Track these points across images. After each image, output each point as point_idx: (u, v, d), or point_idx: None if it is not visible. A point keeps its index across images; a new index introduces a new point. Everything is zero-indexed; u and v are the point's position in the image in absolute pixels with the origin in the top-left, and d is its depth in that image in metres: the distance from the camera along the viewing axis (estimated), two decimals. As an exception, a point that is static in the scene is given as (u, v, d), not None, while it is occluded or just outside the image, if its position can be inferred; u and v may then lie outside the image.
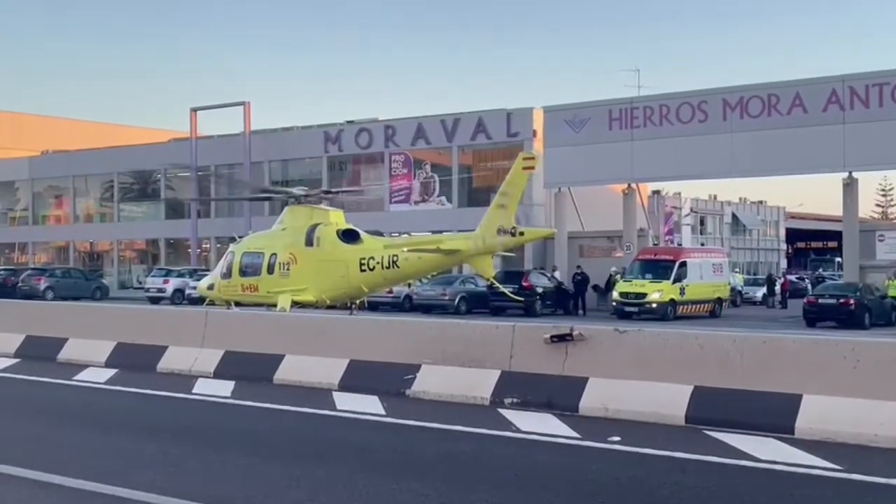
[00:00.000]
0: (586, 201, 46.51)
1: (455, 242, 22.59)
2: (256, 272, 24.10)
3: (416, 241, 23.61)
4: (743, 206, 78.13)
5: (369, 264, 22.53)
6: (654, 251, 40.75)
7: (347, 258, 22.82)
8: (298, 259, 23.39)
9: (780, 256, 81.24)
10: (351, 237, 23.39)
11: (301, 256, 23.41)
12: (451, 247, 22.29)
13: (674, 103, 40.93)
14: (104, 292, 52.12)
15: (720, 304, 39.56)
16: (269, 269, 23.85)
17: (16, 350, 16.92)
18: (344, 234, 23.42)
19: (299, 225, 23.85)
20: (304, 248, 23.42)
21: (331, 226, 23.52)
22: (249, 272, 24.34)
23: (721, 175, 43.06)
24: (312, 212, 24.01)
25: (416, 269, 23.22)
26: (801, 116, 37.89)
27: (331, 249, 23.12)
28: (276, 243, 24.14)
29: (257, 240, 25.43)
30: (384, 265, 22.34)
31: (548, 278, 41.50)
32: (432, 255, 22.46)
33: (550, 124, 44.01)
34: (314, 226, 23.58)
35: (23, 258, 66.64)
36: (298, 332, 14.61)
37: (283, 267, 23.61)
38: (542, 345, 11.78)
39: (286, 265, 23.56)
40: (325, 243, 23.21)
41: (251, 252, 24.57)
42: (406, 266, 22.47)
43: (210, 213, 57.53)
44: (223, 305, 26.13)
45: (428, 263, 23.04)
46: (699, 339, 11.12)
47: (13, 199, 69.23)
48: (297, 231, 23.79)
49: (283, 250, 23.75)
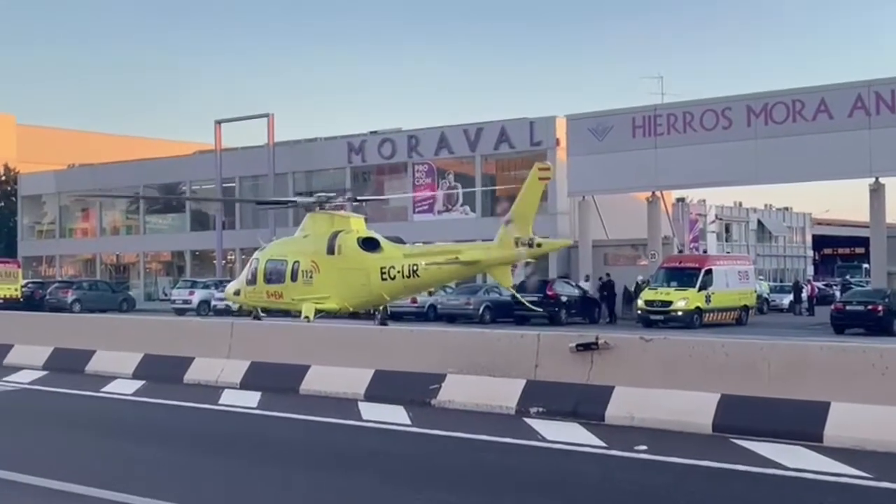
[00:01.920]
0: (610, 209, 46.38)
1: (474, 253, 22.72)
2: (280, 279, 24.32)
3: (436, 250, 23.69)
4: (769, 212, 77.68)
5: (390, 273, 22.67)
6: (679, 259, 40.56)
7: (368, 267, 22.95)
8: (321, 267, 23.58)
9: (807, 263, 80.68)
10: (371, 245, 23.51)
11: (323, 264, 23.58)
12: (470, 258, 22.41)
13: (697, 110, 40.77)
14: (131, 304, 52.46)
15: (746, 311, 39.29)
16: (292, 277, 24.05)
17: (44, 362, 17.04)
18: (364, 243, 23.54)
19: (321, 232, 24.01)
20: (325, 257, 23.57)
21: (352, 233, 23.66)
22: (274, 279, 24.56)
23: (746, 182, 42.85)
24: (333, 219, 24.16)
25: (435, 278, 23.42)
26: (826, 122, 37.64)
27: (352, 258, 23.23)
28: (299, 251, 24.32)
29: (281, 247, 25.65)
30: (404, 274, 22.50)
31: (572, 286, 41.40)
32: (452, 266, 22.59)
33: (574, 133, 43.94)
34: (335, 233, 23.72)
35: (50, 271, 67.19)
36: (324, 343, 14.64)
37: (305, 275, 23.81)
38: (568, 353, 11.75)
39: (309, 273, 23.76)
40: (347, 251, 23.33)
41: (275, 259, 24.79)
42: (426, 275, 22.62)
43: (235, 224, 57.81)
44: (250, 310, 26.58)
45: (447, 273, 23.20)
46: (725, 347, 11.05)
47: (40, 212, 69.84)
48: (318, 239, 23.95)
49: (305, 258, 23.94)
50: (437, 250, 23.84)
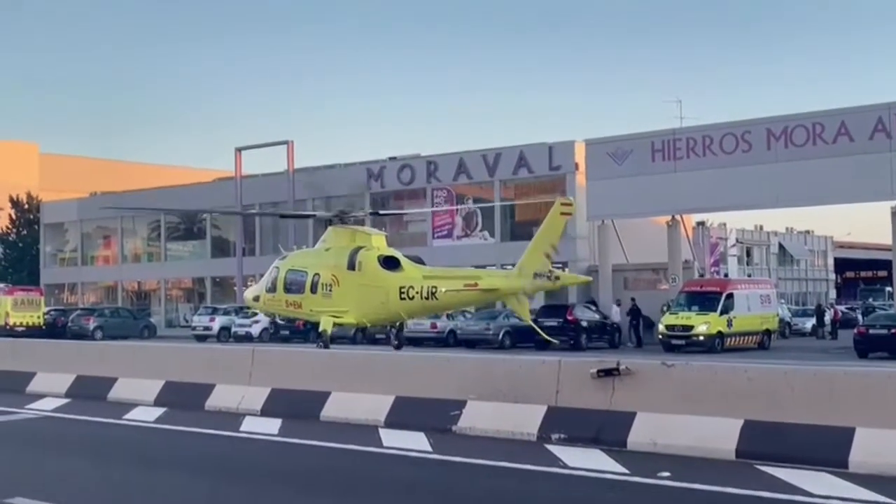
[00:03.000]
0: (630, 233, 46.26)
1: (493, 281, 22.89)
2: (300, 290, 24.50)
3: (456, 274, 23.83)
4: (790, 235, 77.29)
5: (409, 293, 22.79)
6: (700, 283, 40.38)
7: (388, 286, 23.06)
8: (340, 282, 23.71)
9: (829, 286, 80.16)
10: (392, 264, 23.64)
11: (343, 279, 23.72)
12: (489, 285, 22.55)
13: (717, 134, 40.66)
14: (152, 331, 52.69)
15: (769, 335, 39.05)
16: (312, 289, 24.21)
17: (67, 390, 17.10)
18: (385, 261, 23.67)
19: (342, 246, 24.17)
20: (346, 272, 23.73)
21: (373, 251, 23.79)
22: (294, 289, 24.77)
23: (766, 205, 42.66)
24: (355, 234, 24.38)
25: (454, 302, 23.70)
26: (846, 145, 37.45)
27: (372, 275, 23.36)
28: (320, 263, 24.50)
29: (302, 258, 25.78)
30: (423, 295, 22.64)
31: (593, 311, 41.30)
32: (470, 292, 22.73)
33: (592, 157, 43.90)
34: (356, 249, 23.86)
35: (72, 298, 67.57)
36: (344, 369, 14.65)
37: (325, 288, 23.96)
38: (589, 379, 11.70)
39: (328, 286, 23.91)
40: (367, 269, 23.46)
41: (296, 269, 24.94)
42: (444, 298, 22.78)
43: (255, 250, 58.00)
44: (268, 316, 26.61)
45: (466, 298, 23.44)
46: (748, 372, 10.98)
47: (63, 240, 70.34)
48: (339, 253, 24.11)
49: (325, 271, 24.10)
50: (458, 275, 23.98)
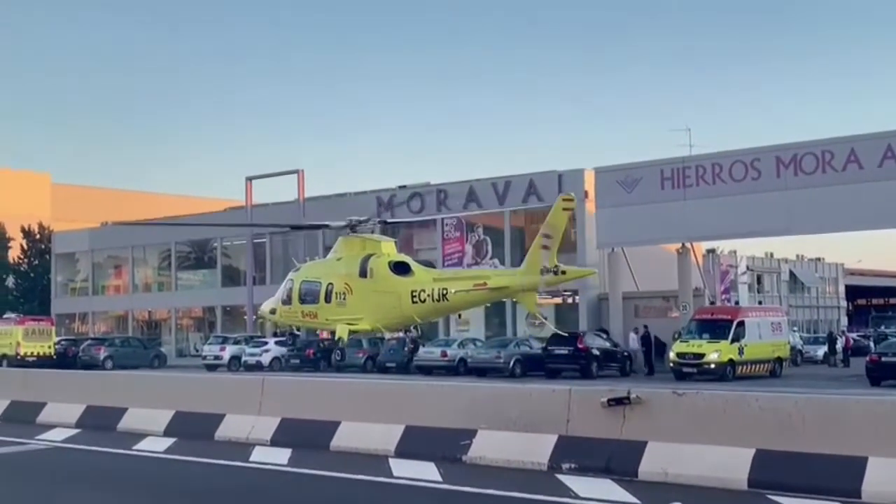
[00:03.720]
0: (640, 261, 46.22)
1: (501, 279, 23.39)
2: (315, 300, 24.94)
3: (465, 275, 24.55)
4: (800, 263, 77.07)
5: (420, 296, 23.19)
6: (710, 310, 40.25)
7: (400, 290, 23.46)
8: (353, 289, 24.17)
9: (841, 314, 79.80)
10: (402, 269, 24.02)
11: (356, 287, 24.16)
12: (497, 283, 23.02)
13: (726, 161, 40.70)
14: (162, 360, 52.71)
15: (780, 363, 38.86)
16: (326, 298, 24.65)
17: (77, 420, 17.11)
18: (395, 266, 24.06)
19: (353, 255, 24.62)
20: (358, 279, 24.16)
21: (383, 257, 24.20)
22: (309, 300, 25.17)
23: (776, 233, 42.62)
24: (365, 242, 24.76)
25: (464, 302, 23.98)
26: (856, 172, 37.44)
27: (384, 281, 23.76)
28: (332, 272, 24.95)
29: (315, 268, 26.26)
30: (434, 298, 23.06)
31: (603, 338, 41.23)
32: (480, 291, 23.15)
33: (602, 185, 43.96)
34: (367, 256, 24.26)
35: (83, 328, 67.71)
36: (354, 399, 14.63)
37: (339, 296, 24.40)
38: (600, 408, 11.67)
39: (342, 295, 24.36)
40: (378, 275, 23.85)
41: (309, 280, 25.38)
42: (455, 299, 23.16)
43: (266, 279, 58.07)
44: (284, 327, 26.76)
45: (475, 298, 23.79)
46: (759, 401, 10.94)
47: (74, 270, 70.58)
48: (351, 261, 24.55)
49: (338, 280, 24.54)
50: (467, 275, 24.88)
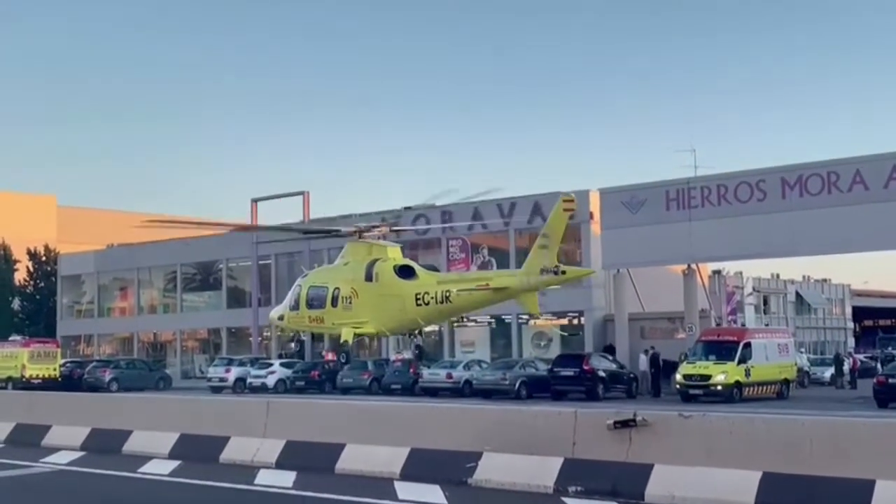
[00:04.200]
0: (646, 282, 46.16)
1: (503, 280, 23.61)
2: (322, 305, 25.26)
3: (467, 277, 25.05)
4: (807, 284, 76.91)
5: (424, 299, 23.54)
6: (717, 332, 40.14)
7: (404, 293, 23.84)
8: (359, 293, 24.51)
9: (848, 335, 79.56)
10: (407, 273, 24.42)
11: (362, 291, 24.51)
12: (499, 284, 23.25)
13: (731, 183, 40.67)
14: (167, 383, 52.65)
15: (787, 385, 38.71)
16: (333, 303, 24.95)
17: (82, 443, 17.08)
18: (400, 270, 24.44)
19: (359, 260, 25.02)
20: (364, 283, 24.53)
21: (388, 261, 24.59)
22: (315, 305, 25.49)
23: (782, 254, 42.54)
24: (371, 247, 25.14)
25: (467, 303, 24.27)
26: (862, 193, 37.38)
27: (389, 284, 24.12)
28: (339, 278, 25.33)
29: (322, 274, 26.75)
30: (438, 300, 23.40)
31: (609, 360, 41.15)
32: (483, 292, 23.43)
33: (607, 206, 43.95)
34: (373, 261, 24.64)
35: (88, 350, 67.73)
36: (359, 421, 14.59)
37: (345, 300, 24.73)
38: (606, 431, 11.62)
39: (348, 299, 24.69)
40: (384, 279, 24.24)
41: (316, 286, 25.77)
42: (458, 301, 23.47)
43: (271, 301, 58.00)
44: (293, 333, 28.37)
45: (478, 298, 24.03)
46: (766, 424, 10.89)
47: (79, 292, 70.66)
48: (357, 266, 24.93)
49: (345, 284, 24.91)
50: (469, 277, 25.44)
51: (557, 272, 21.72)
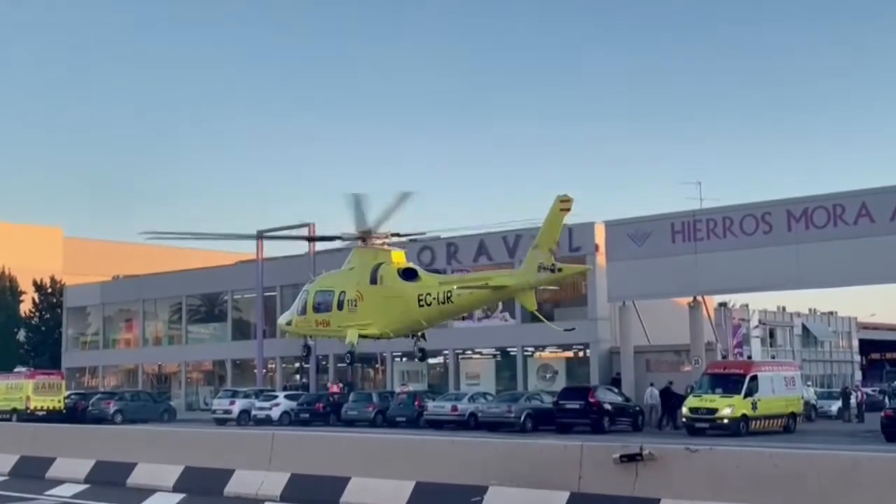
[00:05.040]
0: (651, 314, 46.10)
1: (502, 279, 24.15)
2: (328, 308, 26.04)
3: (467, 278, 25.91)
4: (813, 317, 76.68)
5: (426, 300, 24.22)
6: (723, 364, 40.06)
7: (407, 295, 24.54)
8: (364, 296, 25.28)
9: (855, 368, 79.20)
10: (410, 275, 25.12)
11: (367, 294, 25.29)
12: (498, 283, 23.86)
13: (737, 215, 40.72)
14: (172, 414, 52.57)
15: (794, 418, 38.53)
16: (338, 306, 25.72)
17: (86, 475, 17.02)
18: (404, 273, 25.14)
19: (364, 264, 25.72)
20: (369, 286, 25.29)
21: (392, 265, 25.28)
22: (322, 308, 26.23)
23: (788, 287, 42.50)
24: (377, 252, 25.76)
25: (468, 303, 25.03)
26: (868, 226, 37.40)
27: (392, 287, 24.86)
28: (345, 282, 26.08)
29: (328, 279, 27.34)
30: (440, 300, 24.07)
31: (615, 393, 41.03)
32: (482, 291, 24.12)
33: (612, 238, 44.00)
34: (378, 265, 25.33)
35: (93, 382, 67.69)
36: (364, 454, 14.54)
37: (351, 304, 25.50)
38: (612, 465, 11.56)
39: (354, 302, 25.46)
40: (388, 281, 24.98)
41: (323, 290, 26.51)
42: (459, 301, 24.13)
43: (276, 333, 57.99)
44: (299, 338, 29.29)
45: (478, 297, 24.87)
46: (773, 458, 10.83)
47: (85, 323, 70.71)
48: (362, 270, 25.66)
49: (350, 288, 25.66)
50: (469, 278, 26.11)
51: (554, 270, 22.27)
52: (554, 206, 21.91)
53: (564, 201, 21.74)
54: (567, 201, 21.75)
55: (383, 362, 54.86)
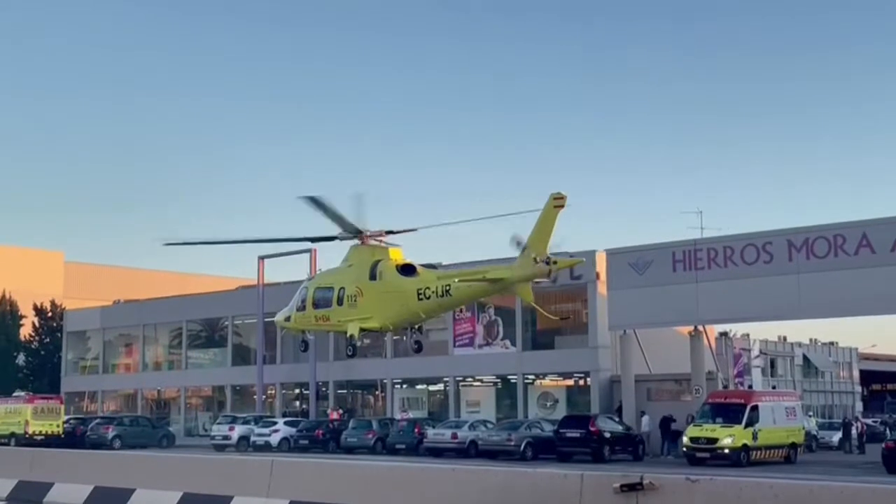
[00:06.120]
0: (652, 343, 46.05)
1: (499, 272, 24.69)
2: (328, 304, 26.64)
3: (465, 271, 26.85)
4: (814, 347, 76.60)
5: (425, 293, 24.85)
6: (724, 394, 39.99)
7: (406, 289, 25.17)
8: (364, 292, 25.88)
9: (856, 399, 79.01)
10: (409, 271, 25.71)
11: (366, 289, 25.88)
12: (495, 276, 24.43)
13: (738, 244, 40.75)
14: (170, 440, 52.43)
15: (795, 449, 38.41)
16: (338, 302, 26.34)
17: (84, 501, 16.92)
18: (402, 269, 25.69)
19: (363, 261, 26.27)
20: (368, 282, 25.87)
21: (391, 261, 25.87)
22: (322, 304, 26.81)
23: (789, 316, 42.49)
24: (374, 249, 26.36)
25: (465, 295, 25.65)
26: (869, 257, 37.43)
27: (391, 282, 25.46)
28: (344, 279, 26.67)
29: (327, 276, 27.99)
30: (438, 294, 24.72)
31: (615, 422, 40.94)
32: (480, 284, 24.71)
33: (613, 267, 44.01)
34: (377, 261, 25.90)
35: (92, 406, 67.51)
36: (364, 481, 14.48)
37: (351, 299, 26.11)
38: (612, 494, 11.50)
39: (353, 297, 26.07)
40: (387, 277, 25.58)
41: (322, 287, 27.12)
42: (457, 294, 24.75)
43: (276, 359, 58.01)
44: (298, 334, 30.19)
45: (476, 290, 25.44)
46: (774, 489, 10.78)
47: (84, 348, 70.62)
48: (361, 267, 26.22)
49: (350, 284, 26.24)
50: (467, 272, 26.51)
51: (549, 262, 22.98)
52: (548, 203, 22.54)
53: (558, 198, 22.37)
54: (561, 198, 22.49)
55: (383, 389, 54.75)
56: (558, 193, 22.42)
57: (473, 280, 24.69)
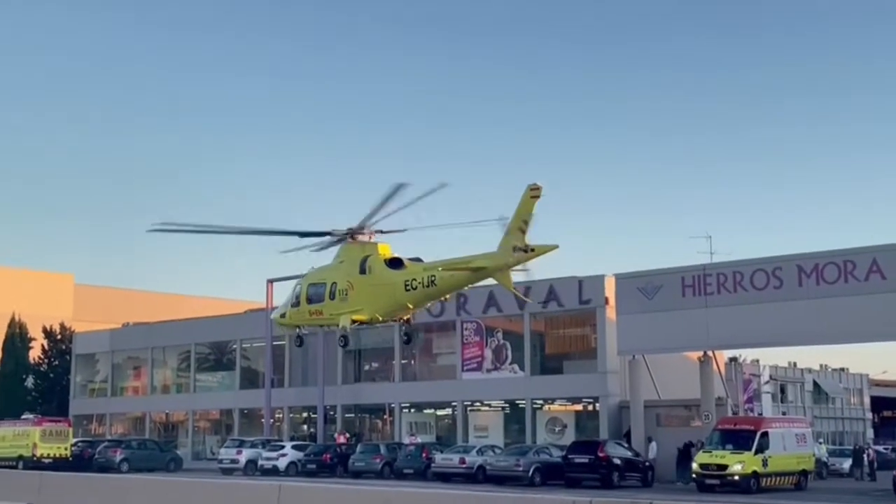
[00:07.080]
0: (662, 369, 45.86)
1: (481, 261, 25.48)
2: (321, 299, 27.81)
3: (450, 261, 27.02)
4: (824, 373, 76.25)
5: (412, 284, 26.13)
6: (733, 420, 39.79)
7: (395, 281, 26.42)
8: (355, 286, 27.08)
9: (866, 425, 78.55)
10: (396, 264, 26.83)
11: (357, 283, 27.06)
12: (477, 265, 25.30)
13: (748, 270, 40.63)
14: (178, 464, 52.32)
15: (805, 476, 38.14)
16: (331, 296, 27.52)
17: (90, 524, 16.92)
18: (390, 262, 26.87)
19: (353, 257, 27.44)
20: (358, 276, 27.07)
21: (379, 256, 27.07)
22: (315, 300, 27.97)
23: (799, 342, 42.32)
24: (364, 246, 27.53)
25: (449, 285, 26.58)
26: (879, 283, 37.28)
27: (380, 275, 26.66)
28: (336, 274, 27.83)
29: (320, 273, 28.87)
30: (424, 284, 26.01)
31: (624, 447, 40.74)
32: (463, 273, 25.63)
33: (622, 292, 43.91)
34: (366, 257, 27.10)
35: (100, 429, 67.44)
36: (371, 507, 14.43)
37: (342, 293, 27.28)
38: (621, 521, 11.46)
39: (345, 292, 27.25)
40: (376, 270, 26.76)
41: (315, 283, 28.27)
42: (442, 283, 25.88)
43: (284, 382, 57.95)
44: (293, 330, 30.79)
45: (460, 280, 26.29)
46: (785, 516, 10.72)
47: (93, 370, 70.61)
48: (351, 262, 27.41)
49: (341, 279, 27.45)
50: (451, 262, 27.02)
51: (527, 250, 23.85)
52: (525, 193, 23.26)
53: (534, 189, 23.04)
54: (537, 189, 22.99)
55: (391, 413, 54.61)
56: (534, 184, 23.40)
57: (456, 269, 25.63)
